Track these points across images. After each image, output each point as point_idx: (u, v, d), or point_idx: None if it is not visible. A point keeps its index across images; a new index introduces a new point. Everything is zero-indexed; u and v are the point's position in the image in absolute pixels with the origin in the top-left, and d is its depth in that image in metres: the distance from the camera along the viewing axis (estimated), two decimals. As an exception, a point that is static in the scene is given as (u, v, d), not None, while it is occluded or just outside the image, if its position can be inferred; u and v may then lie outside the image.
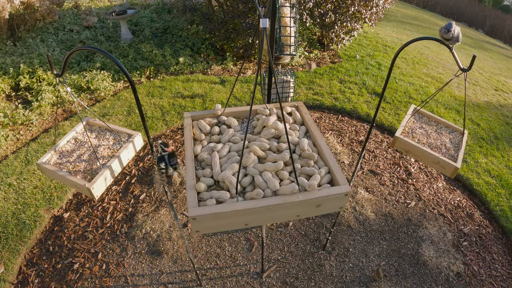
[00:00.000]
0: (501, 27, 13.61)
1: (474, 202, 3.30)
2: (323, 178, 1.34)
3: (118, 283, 2.46)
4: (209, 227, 1.22)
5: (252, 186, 1.34)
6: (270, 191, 1.27)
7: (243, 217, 1.22)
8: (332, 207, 1.31)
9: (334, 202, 1.28)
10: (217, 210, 1.18)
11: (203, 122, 1.60)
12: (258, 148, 1.41)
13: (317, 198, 1.24)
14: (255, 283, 2.48)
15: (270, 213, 1.24)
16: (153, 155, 1.56)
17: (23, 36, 5.36)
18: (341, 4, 5.14)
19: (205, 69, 5.01)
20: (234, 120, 1.62)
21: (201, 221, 1.19)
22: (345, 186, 1.28)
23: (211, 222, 1.20)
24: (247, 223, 1.25)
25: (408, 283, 2.55)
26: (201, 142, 1.54)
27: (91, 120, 1.71)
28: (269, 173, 1.31)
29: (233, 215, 1.20)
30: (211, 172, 1.37)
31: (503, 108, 4.97)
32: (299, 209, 1.27)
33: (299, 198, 1.23)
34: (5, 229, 2.76)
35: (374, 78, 5.04)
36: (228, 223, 1.23)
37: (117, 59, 1.21)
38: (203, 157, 1.44)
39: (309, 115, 1.64)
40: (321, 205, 1.28)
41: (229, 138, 1.52)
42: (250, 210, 1.20)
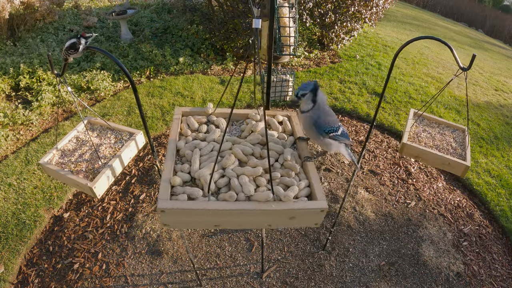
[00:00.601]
0: (501, 27, 13.62)
1: (474, 202, 3.31)
2: (301, 191, 1.31)
3: (118, 283, 2.46)
4: (178, 222, 1.21)
5: (228, 188, 1.31)
6: (243, 195, 1.24)
7: (213, 217, 1.20)
8: (306, 221, 1.27)
9: (309, 216, 1.25)
10: (186, 206, 1.16)
11: (192, 118, 1.60)
12: (240, 151, 1.39)
13: (291, 210, 1.21)
14: (255, 283, 2.48)
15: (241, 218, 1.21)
16: (153, 155, 1.56)
17: (23, 36, 5.36)
18: (341, 4, 5.14)
19: (205, 69, 5.01)
20: (223, 121, 1.61)
21: (169, 215, 1.17)
22: (322, 202, 1.24)
23: (180, 217, 1.18)
24: (217, 225, 1.23)
25: (408, 283, 2.55)
26: (186, 138, 1.53)
27: (92, 119, 1.71)
28: (246, 178, 1.29)
29: (203, 213, 1.18)
30: (189, 168, 1.35)
31: (503, 108, 4.97)
32: (272, 218, 1.24)
33: (272, 207, 1.19)
34: (5, 229, 2.76)
35: (374, 78, 5.04)
36: (198, 221, 1.21)
37: (117, 59, 1.21)
38: (185, 153, 1.43)
39: (300, 126, 1.61)
40: (295, 217, 1.24)
41: (214, 138, 1.51)
42: (220, 211, 1.18)
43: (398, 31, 7.75)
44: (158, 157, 3.46)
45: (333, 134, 1.45)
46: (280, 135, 1.57)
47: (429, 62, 6.01)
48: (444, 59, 6.40)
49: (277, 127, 1.61)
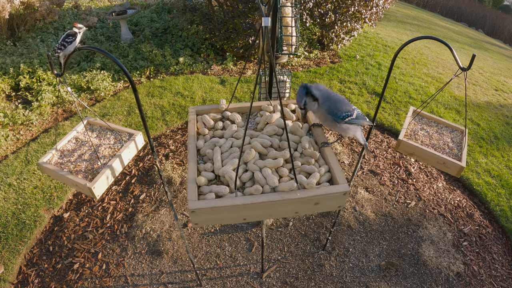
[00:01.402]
0: (501, 27, 13.61)
1: (474, 202, 3.31)
2: (322, 177, 1.34)
3: (118, 283, 2.46)
4: (208, 220, 1.24)
5: (252, 181, 1.34)
6: (269, 187, 1.28)
7: (241, 212, 1.23)
8: (330, 206, 1.31)
9: (333, 200, 1.29)
10: (215, 204, 1.19)
11: (207, 117, 1.61)
12: (260, 145, 1.42)
13: (315, 196, 1.25)
14: (255, 283, 2.48)
15: (268, 209, 1.25)
16: (153, 155, 1.56)
17: (23, 36, 5.36)
18: (341, 4, 5.14)
19: (205, 69, 5.01)
20: (238, 115, 1.63)
21: (199, 214, 1.20)
22: (344, 185, 1.28)
23: (210, 215, 1.22)
24: (245, 218, 1.26)
25: (408, 283, 2.55)
26: (204, 137, 1.55)
27: (91, 119, 1.71)
28: (269, 170, 1.32)
29: (231, 209, 1.21)
30: (212, 167, 1.38)
31: (503, 108, 4.97)
32: (297, 206, 1.28)
33: (297, 196, 1.23)
34: (5, 229, 2.76)
35: (374, 78, 5.04)
36: (226, 217, 1.25)
37: (117, 59, 1.21)
38: (205, 152, 1.45)
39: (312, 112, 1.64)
40: (319, 203, 1.28)
41: (232, 133, 1.53)
42: (248, 205, 1.21)
43: (398, 31, 7.75)
44: (158, 157, 3.46)
45: (348, 118, 1.49)
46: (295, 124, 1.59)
47: (429, 62, 6.01)
48: (444, 59, 6.40)
49: (291, 116, 1.63)
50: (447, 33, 9.22)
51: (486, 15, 14.29)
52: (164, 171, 3.28)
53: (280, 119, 1.56)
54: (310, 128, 1.59)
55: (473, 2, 16.24)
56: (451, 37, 8.76)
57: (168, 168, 3.32)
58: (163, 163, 3.38)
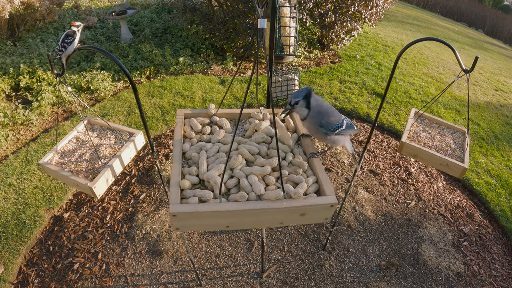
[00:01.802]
0: (501, 27, 13.62)
1: (474, 202, 3.31)
2: (310, 187, 1.31)
3: (118, 283, 2.46)
4: (190, 225, 1.20)
5: (237, 188, 1.31)
6: (254, 195, 1.24)
7: (225, 219, 1.19)
8: (316, 217, 1.28)
9: (319, 212, 1.25)
10: (198, 209, 1.16)
11: (195, 120, 1.59)
12: (247, 151, 1.39)
13: (302, 207, 1.21)
14: (255, 283, 2.48)
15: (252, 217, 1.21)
16: (153, 155, 1.56)
17: (23, 36, 5.36)
18: (341, 4, 5.14)
19: (205, 69, 5.01)
20: (226, 121, 1.61)
21: (181, 219, 1.16)
22: (331, 197, 1.24)
23: (192, 220, 1.18)
24: (229, 226, 1.23)
25: (408, 283, 2.55)
26: (191, 140, 1.52)
27: (92, 119, 1.71)
28: (256, 177, 1.29)
29: (214, 215, 1.17)
30: (197, 171, 1.35)
31: (503, 108, 4.97)
32: (283, 216, 1.24)
33: (283, 205, 1.19)
34: (5, 229, 2.76)
35: (374, 78, 5.04)
36: (209, 224, 1.21)
37: (117, 59, 1.21)
38: (191, 155, 1.42)
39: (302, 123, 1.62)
40: (306, 214, 1.24)
41: (219, 138, 1.51)
42: (232, 212, 1.17)
43: (398, 31, 7.75)
44: (158, 157, 3.46)
45: (338, 130, 1.47)
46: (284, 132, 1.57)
47: (429, 62, 6.01)
48: (444, 59, 6.40)
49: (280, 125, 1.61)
50: (447, 33, 9.23)
51: (486, 15, 14.29)
52: (164, 171, 3.28)
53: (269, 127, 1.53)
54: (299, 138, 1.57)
55: (473, 2, 16.25)
56: (451, 37, 8.76)
57: (168, 168, 3.32)
58: (163, 163, 3.38)
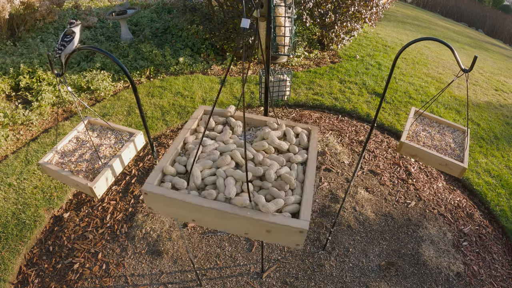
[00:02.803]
0: (501, 27, 13.62)
1: (474, 202, 3.31)
2: (287, 206, 1.23)
3: (118, 283, 2.46)
4: (159, 208, 1.25)
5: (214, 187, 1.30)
6: (223, 196, 1.22)
7: (190, 212, 1.21)
8: (284, 240, 1.18)
9: (286, 234, 1.15)
10: (164, 193, 1.19)
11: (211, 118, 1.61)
12: (239, 155, 1.37)
13: (266, 222, 1.13)
14: (255, 283, 2.48)
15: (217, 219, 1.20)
16: (153, 155, 1.56)
17: (23, 36, 5.36)
18: (341, 4, 5.14)
19: (205, 69, 5.01)
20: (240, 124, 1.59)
21: (152, 200, 1.21)
22: (303, 222, 1.14)
23: (160, 204, 1.22)
24: (194, 220, 1.24)
25: (408, 283, 2.55)
26: (197, 134, 1.55)
27: (92, 119, 1.71)
28: (233, 180, 1.26)
29: (180, 205, 1.19)
30: (185, 161, 1.38)
31: (503, 108, 4.97)
32: (247, 227, 1.19)
33: (247, 214, 1.14)
34: (5, 229, 2.76)
35: (374, 78, 5.04)
36: (176, 212, 1.24)
37: (117, 59, 1.21)
38: (189, 147, 1.46)
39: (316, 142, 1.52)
40: (271, 232, 1.17)
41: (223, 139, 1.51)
42: (196, 207, 1.17)
43: (398, 31, 7.75)
44: (158, 157, 3.46)
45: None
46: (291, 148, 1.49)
47: (429, 62, 6.01)
48: (444, 59, 6.40)
49: (291, 138, 1.52)
50: (447, 33, 9.23)
51: (486, 15, 14.29)
52: (164, 171, 3.28)
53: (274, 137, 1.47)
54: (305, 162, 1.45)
55: (473, 2, 16.25)
56: (451, 37, 8.76)
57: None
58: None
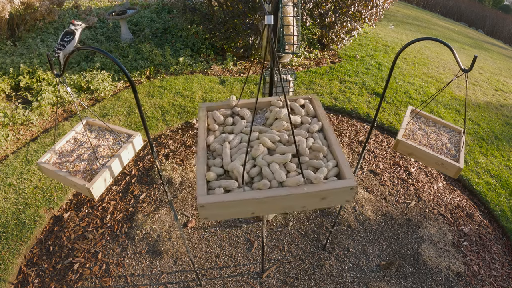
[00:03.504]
0: (501, 27, 13.61)
1: (474, 202, 3.30)
2: (330, 172, 1.35)
3: (118, 283, 2.46)
4: (216, 214, 1.26)
5: (260, 176, 1.36)
6: (276, 182, 1.29)
7: (249, 206, 1.25)
8: (337, 200, 1.32)
9: (340, 195, 1.30)
10: (224, 198, 1.22)
11: (217, 113, 1.63)
12: (268, 140, 1.43)
13: (323, 191, 1.26)
14: (255, 283, 2.48)
15: (275, 204, 1.27)
16: (153, 155, 1.56)
17: (23, 36, 5.36)
18: (341, 4, 5.14)
19: (205, 69, 5.01)
20: (247, 111, 1.64)
21: (208, 209, 1.22)
22: (351, 180, 1.29)
23: (218, 210, 1.24)
24: (253, 212, 1.28)
25: (408, 283, 2.55)
26: (214, 133, 1.57)
27: (90, 120, 1.71)
28: (277, 165, 1.34)
29: (240, 204, 1.23)
30: (221, 162, 1.40)
31: (503, 108, 4.97)
32: (304, 201, 1.29)
33: (305, 190, 1.25)
34: (5, 229, 2.76)
35: (374, 78, 5.04)
36: (235, 212, 1.27)
37: (117, 59, 1.21)
38: (215, 147, 1.47)
39: (322, 108, 1.64)
40: (327, 198, 1.29)
41: (241, 129, 1.55)
42: (256, 200, 1.23)
43: (398, 31, 7.74)
44: (158, 157, 3.46)
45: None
46: (304, 119, 1.60)
47: (429, 62, 6.01)
48: (444, 59, 6.40)
49: (300, 111, 1.64)
50: (447, 33, 9.22)
51: (486, 15, 14.28)
52: (164, 171, 3.28)
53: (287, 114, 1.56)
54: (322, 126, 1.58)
55: (473, 2, 16.24)
56: (451, 37, 8.76)
57: (168, 168, 3.32)
58: (163, 163, 3.38)
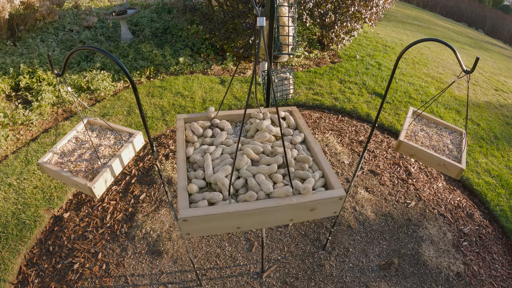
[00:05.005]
0: (501, 27, 13.61)
1: (474, 202, 3.31)
2: (317, 182, 1.33)
3: (118, 283, 2.46)
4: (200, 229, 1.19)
5: (245, 188, 1.32)
6: (263, 193, 1.25)
7: (235, 220, 1.20)
8: (326, 211, 1.30)
9: (329, 205, 1.27)
10: (208, 211, 1.15)
11: (196, 124, 1.59)
12: (252, 151, 1.40)
13: (312, 202, 1.22)
14: (255, 283, 2.48)
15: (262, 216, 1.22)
16: (153, 155, 1.56)
17: (23, 36, 5.36)
18: (341, 4, 5.14)
19: (205, 69, 5.01)
20: (227, 123, 1.62)
21: (192, 223, 1.16)
22: (339, 190, 1.26)
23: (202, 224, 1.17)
24: (239, 226, 1.23)
25: (408, 283, 2.55)
26: (194, 144, 1.52)
27: (92, 119, 1.71)
28: (263, 176, 1.30)
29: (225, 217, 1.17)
30: (203, 174, 1.35)
31: (503, 108, 4.97)
32: (293, 213, 1.25)
33: (293, 201, 1.20)
34: (5, 229, 2.76)
35: (374, 78, 5.04)
36: (220, 226, 1.20)
37: (117, 59, 1.21)
38: (196, 159, 1.42)
39: (303, 119, 1.63)
40: (316, 208, 1.26)
41: (222, 141, 1.51)
42: (243, 213, 1.17)
43: (398, 31, 7.75)
44: (158, 157, 3.46)
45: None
46: (285, 131, 1.59)
47: (429, 62, 6.01)
48: (444, 59, 6.40)
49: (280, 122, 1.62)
50: (447, 33, 9.22)
51: (486, 15, 14.29)
52: (164, 171, 3.28)
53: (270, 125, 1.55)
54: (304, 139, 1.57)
55: (473, 2, 16.24)
56: (451, 37, 8.76)
57: (168, 168, 3.32)
58: (163, 163, 3.38)
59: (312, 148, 1.48)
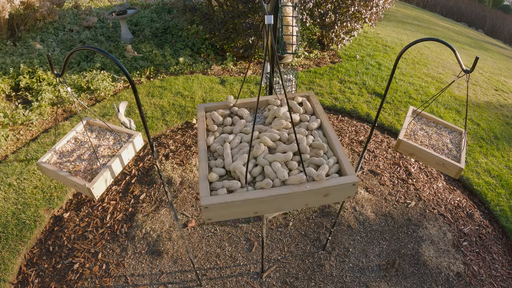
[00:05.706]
0: (501, 27, 13.61)
1: (474, 202, 3.30)
2: (331, 168, 1.36)
3: (118, 283, 2.46)
4: (220, 215, 1.27)
5: (262, 176, 1.37)
6: (279, 181, 1.30)
7: (253, 206, 1.26)
8: (339, 197, 1.34)
9: (342, 191, 1.31)
10: (227, 199, 1.23)
11: (216, 113, 1.63)
12: (268, 139, 1.44)
13: (325, 188, 1.27)
14: (255, 283, 2.48)
15: (278, 202, 1.27)
16: (153, 155, 1.56)
17: (23, 36, 5.36)
18: (341, 4, 5.14)
19: (205, 69, 5.01)
20: (246, 110, 1.65)
21: (212, 210, 1.23)
22: (352, 176, 1.30)
23: (222, 210, 1.25)
24: (257, 212, 1.29)
25: (408, 283, 2.55)
26: (214, 133, 1.57)
27: (91, 120, 1.71)
28: (279, 163, 1.34)
29: (243, 204, 1.24)
30: (222, 163, 1.40)
31: (503, 108, 4.97)
32: (307, 198, 1.30)
33: (307, 188, 1.26)
34: (5, 229, 2.76)
35: (374, 78, 5.04)
36: (238, 212, 1.28)
37: (117, 59, 1.21)
38: (216, 148, 1.47)
39: (320, 105, 1.65)
40: (329, 194, 1.30)
41: (241, 128, 1.55)
42: (259, 199, 1.24)
43: (398, 31, 7.74)
44: (158, 157, 3.46)
45: None
46: (303, 117, 1.61)
47: (429, 62, 6.01)
48: (444, 59, 6.40)
49: (298, 108, 1.65)
50: (447, 33, 9.22)
51: (486, 15, 14.28)
52: (164, 171, 3.28)
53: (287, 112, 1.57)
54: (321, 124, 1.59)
55: (473, 2, 16.24)
56: (451, 37, 8.76)
57: (168, 168, 3.32)
58: (163, 163, 3.38)
59: (328, 134, 1.51)
